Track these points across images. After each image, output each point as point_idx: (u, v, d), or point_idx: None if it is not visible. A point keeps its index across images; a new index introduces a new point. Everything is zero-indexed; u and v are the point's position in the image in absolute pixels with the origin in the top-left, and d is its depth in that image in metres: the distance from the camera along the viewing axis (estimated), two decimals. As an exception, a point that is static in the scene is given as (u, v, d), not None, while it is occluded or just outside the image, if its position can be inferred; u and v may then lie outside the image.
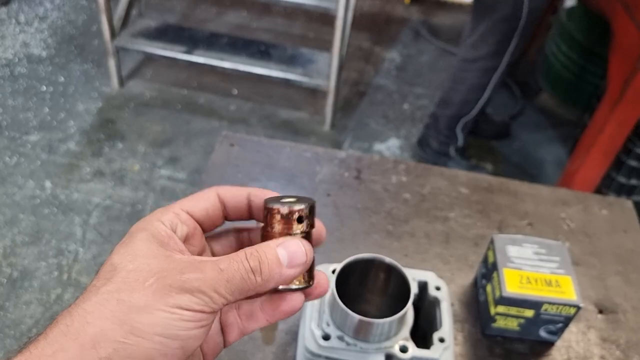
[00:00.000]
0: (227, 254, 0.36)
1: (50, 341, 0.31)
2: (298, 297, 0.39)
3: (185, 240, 0.39)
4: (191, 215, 0.40)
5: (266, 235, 0.39)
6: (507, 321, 0.71)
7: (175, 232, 0.38)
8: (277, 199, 0.40)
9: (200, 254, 0.42)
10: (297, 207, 0.38)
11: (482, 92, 1.98)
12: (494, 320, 0.72)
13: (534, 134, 2.44)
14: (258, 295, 0.39)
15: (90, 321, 0.31)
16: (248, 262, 0.35)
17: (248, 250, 0.36)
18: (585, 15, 2.25)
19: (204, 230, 0.42)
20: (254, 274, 0.35)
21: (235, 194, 0.42)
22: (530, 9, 1.77)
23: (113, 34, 2.29)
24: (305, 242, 0.38)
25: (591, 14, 2.18)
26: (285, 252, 0.37)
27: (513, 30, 1.82)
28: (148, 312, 0.32)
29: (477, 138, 2.32)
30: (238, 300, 0.36)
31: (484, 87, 1.96)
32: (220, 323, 0.40)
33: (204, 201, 0.41)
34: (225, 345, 0.41)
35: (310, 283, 0.39)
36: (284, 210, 0.38)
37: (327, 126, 2.35)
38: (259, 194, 0.42)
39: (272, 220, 0.38)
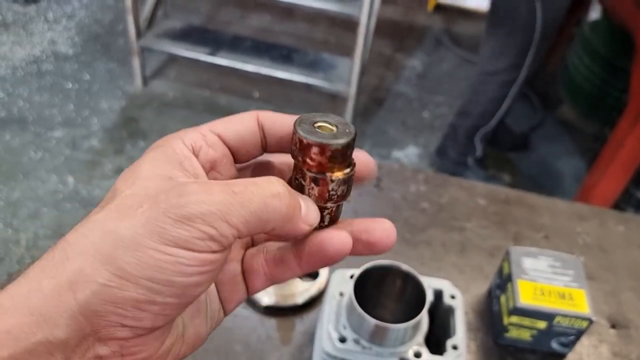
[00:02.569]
0: None
1: (29, 278, 0.27)
2: (345, 239, 0.31)
3: (211, 167, 0.33)
4: (222, 140, 0.33)
5: (296, 167, 0.31)
6: (519, 332, 0.73)
7: (197, 155, 0.32)
8: (310, 122, 0.31)
9: None
10: (335, 142, 0.30)
11: (500, 104, 1.99)
12: (507, 330, 0.73)
13: (553, 146, 2.44)
14: (270, 238, 0.33)
15: (71, 256, 0.26)
16: (274, 185, 0.29)
17: (269, 176, 0.30)
18: (608, 29, 2.25)
19: (236, 161, 0.34)
20: (280, 199, 0.28)
21: (280, 121, 0.34)
22: (545, 20, 1.78)
23: (138, 34, 2.33)
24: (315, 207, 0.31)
25: (615, 27, 2.17)
26: (306, 205, 0.30)
27: (529, 42, 1.83)
28: (136, 249, 0.26)
29: (496, 149, 2.33)
30: (250, 235, 0.29)
31: (502, 99, 1.98)
32: (242, 268, 0.34)
33: (240, 125, 0.33)
34: (249, 294, 0.34)
35: (329, 225, 0.32)
36: (317, 146, 0.30)
37: (346, 131, 2.37)
38: None
39: (305, 153, 0.30)
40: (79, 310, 0.26)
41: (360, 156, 0.33)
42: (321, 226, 0.32)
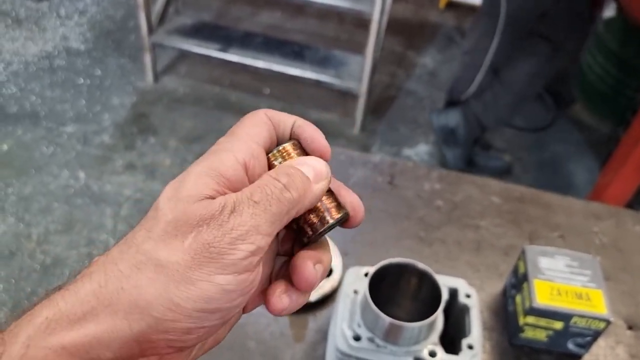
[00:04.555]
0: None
1: (81, 300, 0.29)
2: (310, 273, 0.33)
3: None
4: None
5: None
6: (535, 332, 0.72)
7: (248, 170, 0.33)
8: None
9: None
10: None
11: (468, 85, 2.01)
12: (522, 331, 0.72)
13: (565, 145, 2.41)
14: (292, 223, 0.34)
15: (126, 288, 0.29)
16: (279, 180, 0.31)
17: (271, 171, 0.32)
18: (623, 27, 2.22)
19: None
20: (288, 190, 0.31)
21: (283, 121, 0.37)
22: (508, 11, 1.78)
23: (150, 30, 2.33)
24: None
25: (630, 26, 2.15)
26: (308, 167, 0.33)
27: (493, 28, 1.84)
28: (187, 282, 0.28)
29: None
30: (276, 232, 0.31)
31: (470, 80, 1.99)
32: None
33: (267, 132, 0.36)
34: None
35: (346, 212, 0.36)
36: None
37: (356, 129, 2.36)
38: (303, 125, 0.37)
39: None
40: (133, 338, 0.28)
41: (349, 198, 0.37)
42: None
